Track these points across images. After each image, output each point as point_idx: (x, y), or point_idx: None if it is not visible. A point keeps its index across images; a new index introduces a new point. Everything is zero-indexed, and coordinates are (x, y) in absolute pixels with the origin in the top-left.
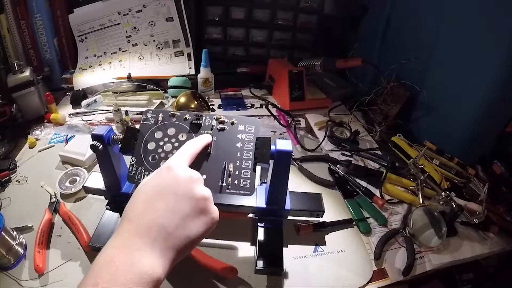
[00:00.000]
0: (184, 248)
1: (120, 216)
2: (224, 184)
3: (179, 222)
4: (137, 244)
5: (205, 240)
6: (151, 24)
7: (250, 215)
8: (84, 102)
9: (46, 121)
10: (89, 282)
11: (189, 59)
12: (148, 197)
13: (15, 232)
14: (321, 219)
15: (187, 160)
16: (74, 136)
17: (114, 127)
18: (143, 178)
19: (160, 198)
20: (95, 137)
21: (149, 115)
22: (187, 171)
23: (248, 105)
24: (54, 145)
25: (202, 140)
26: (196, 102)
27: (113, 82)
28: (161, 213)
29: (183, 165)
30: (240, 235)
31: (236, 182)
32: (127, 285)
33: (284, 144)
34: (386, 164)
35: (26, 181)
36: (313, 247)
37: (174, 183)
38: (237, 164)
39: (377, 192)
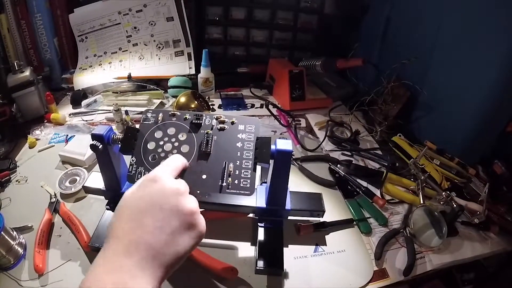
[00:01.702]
0: (173, 264)
1: None
2: (224, 184)
3: (168, 238)
4: (126, 266)
5: (205, 240)
6: (151, 24)
7: (250, 215)
8: (84, 102)
9: (46, 121)
10: None
11: (190, 59)
12: (134, 212)
13: (15, 232)
14: (321, 219)
15: (172, 172)
16: (74, 136)
17: (114, 127)
18: None
19: (147, 214)
20: (95, 136)
21: (149, 115)
22: (173, 182)
23: (248, 105)
24: (54, 145)
25: (182, 158)
26: (196, 102)
27: (113, 82)
28: (149, 230)
29: (168, 176)
30: (240, 235)
31: (236, 182)
32: None
33: (284, 144)
34: (386, 164)
35: (26, 181)
36: (313, 247)
37: (161, 196)
38: (237, 163)
39: (377, 192)
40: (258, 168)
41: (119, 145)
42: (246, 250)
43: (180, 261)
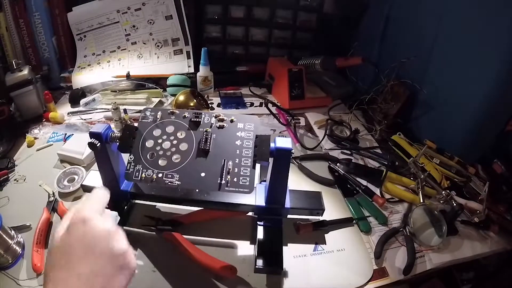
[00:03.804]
0: None
1: (119, 215)
2: (223, 181)
3: (104, 282)
4: None
5: (204, 239)
6: (150, 23)
7: (250, 213)
8: (82, 101)
9: (44, 120)
10: None
11: (188, 57)
12: (68, 260)
13: (13, 231)
14: (321, 218)
15: (100, 208)
16: (72, 134)
17: (112, 125)
18: (140, 176)
19: (81, 261)
20: (93, 135)
21: (147, 113)
22: (103, 224)
23: (247, 103)
24: (52, 144)
25: (106, 193)
26: (195, 101)
27: (112, 81)
28: (84, 278)
29: (97, 216)
30: (239, 234)
31: (235, 179)
32: None
33: (283, 142)
34: (386, 163)
35: (24, 180)
36: (313, 246)
37: (92, 240)
38: (236, 161)
39: (377, 191)
40: (258, 166)
41: (117, 143)
42: (245, 249)
43: None
